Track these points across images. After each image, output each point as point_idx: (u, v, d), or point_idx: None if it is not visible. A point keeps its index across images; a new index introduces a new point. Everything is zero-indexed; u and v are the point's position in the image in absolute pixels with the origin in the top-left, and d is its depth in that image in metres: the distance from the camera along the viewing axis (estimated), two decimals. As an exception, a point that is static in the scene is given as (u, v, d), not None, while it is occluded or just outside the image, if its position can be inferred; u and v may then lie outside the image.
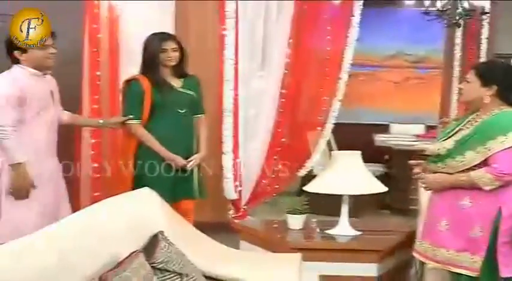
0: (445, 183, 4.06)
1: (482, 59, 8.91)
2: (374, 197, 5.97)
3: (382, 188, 5.03)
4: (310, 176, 5.45)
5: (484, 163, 3.88)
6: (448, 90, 9.01)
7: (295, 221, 5.07)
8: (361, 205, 6.52)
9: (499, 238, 3.90)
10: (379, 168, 8.13)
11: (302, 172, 5.86)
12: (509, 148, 3.84)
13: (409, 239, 4.86)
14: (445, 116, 8.70)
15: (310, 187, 5.02)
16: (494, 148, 3.88)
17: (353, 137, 7.30)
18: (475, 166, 3.91)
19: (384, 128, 9.53)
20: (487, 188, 3.87)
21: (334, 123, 5.92)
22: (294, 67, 5.59)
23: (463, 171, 3.96)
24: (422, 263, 4.63)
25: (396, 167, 8.15)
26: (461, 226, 4.05)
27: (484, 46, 8.95)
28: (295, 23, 5.56)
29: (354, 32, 5.62)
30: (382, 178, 6.46)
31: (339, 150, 6.55)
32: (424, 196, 4.84)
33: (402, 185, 7.14)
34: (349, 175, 4.90)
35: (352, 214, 5.24)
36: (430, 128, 9.19)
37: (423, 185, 4.25)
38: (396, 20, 9.71)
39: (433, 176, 4.13)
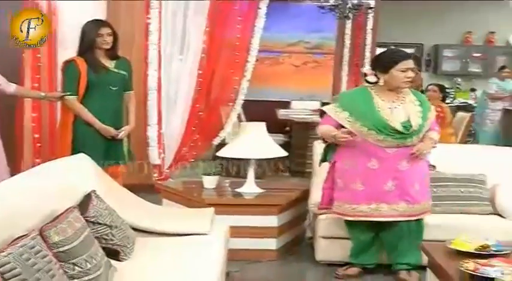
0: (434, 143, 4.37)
1: (368, 46, 9.11)
2: (277, 162, 6.09)
3: (282, 153, 5.10)
4: (223, 145, 5.49)
5: None
6: (339, 72, 9.18)
7: (210, 182, 5.12)
8: (265, 168, 6.60)
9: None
10: (282, 137, 8.22)
11: (216, 141, 5.92)
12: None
13: (304, 196, 4.98)
14: (336, 93, 8.87)
15: (222, 153, 5.08)
16: (432, 117, 4.32)
17: (260, 111, 7.36)
18: None
19: (286, 104, 9.63)
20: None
21: (244, 100, 6.00)
22: (209, 52, 5.61)
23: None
24: (315, 216, 4.76)
25: (295, 137, 8.25)
26: (404, 184, 4.23)
27: (369, 36, 9.14)
28: (210, 14, 5.57)
29: (260, 22, 5.68)
30: (284, 146, 6.56)
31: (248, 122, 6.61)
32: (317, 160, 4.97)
33: (300, 152, 7.27)
34: (254, 142, 4.95)
35: (258, 176, 5.32)
36: (324, 104, 9.32)
37: (424, 152, 4.30)
38: (297, 12, 9.77)
39: (426, 144, 4.28)
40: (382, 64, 4.32)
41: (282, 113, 9.02)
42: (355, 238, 4.48)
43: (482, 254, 3.27)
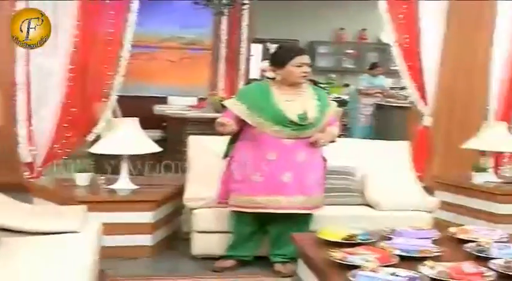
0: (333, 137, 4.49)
1: (244, 42, 9.20)
2: (153, 157, 6.04)
3: (156, 148, 5.07)
4: (98, 141, 5.41)
5: None
6: (215, 68, 9.20)
7: (83, 179, 5.02)
8: (142, 163, 6.53)
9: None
10: (159, 133, 8.17)
11: (91, 137, 5.80)
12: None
13: (180, 191, 4.98)
14: (213, 89, 8.91)
15: (94, 149, 5.00)
16: (331, 112, 4.44)
17: (137, 107, 7.25)
18: None
19: (164, 100, 9.59)
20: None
21: (120, 96, 5.91)
22: (81, 46, 5.48)
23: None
24: (190, 210, 4.77)
25: (171, 132, 8.23)
26: (301, 175, 4.31)
27: (245, 32, 9.23)
28: (81, 8, 5.44)
29: (132, 16, 5.60)
30: (161, 141, 6.53)
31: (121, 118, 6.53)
32: (194, 156, 5.00)
33: (176, 147, 7.24)
34: (127, 138, 4.91)
35: (134, 172, 5.27)
36: (201, 99, 9.35)
37: (321, 141, 4.40)
38: (172, 7, 9.76)
39: (325, 135, 4.41)
40: (278, 60, 4.40)
41: (158, 108, 8.96)
42: (238, 230, 4.54)
43: (350, 243, 3.38)
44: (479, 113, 6.51)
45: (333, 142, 4.50)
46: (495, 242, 3.45)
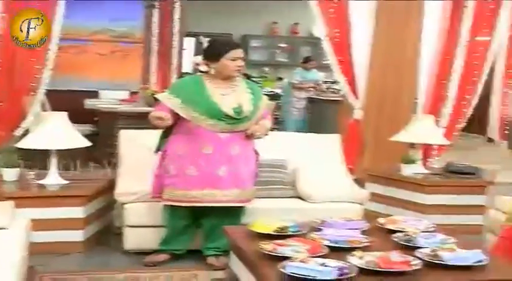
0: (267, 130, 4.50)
1: (176, 35, 9.15)
2: (84, 152, 5.97)
3: (85, 143, 5.00)
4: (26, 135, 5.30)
5: None
6: (147, 62, 9.14)
7: (11, 174, 4.93)
8: (72, 158, 6.44)
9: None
10: (90, 128, 8.06)
11: (19, 132, 5.68)
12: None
13: (111, 186, 4.93)
14: (145, 83, 8.85)
15: (21, 144, 4.91)
16: (263, 106, 4.45)
17: (67, 101, 7.13)
18: None
19: (95, 94, 9.47)
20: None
21: (50, 90, 5.80)
22: (7, 39, 5.36)
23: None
24: (122, 205, 4.73)
25: (102, 127, 8.12)
26: (236, 169, 4.33)
27: (176, 25, 9.18)
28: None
29: (60, 9, 5.50)
30: (92, 136, 6.44)
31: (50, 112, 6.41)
32: (125, 150, 4.96)
33: (107, 142, 7.17)
34: (55, 132, 4.82)
35: (64, 167, 5.20)
36: (133, 93, 9.27)
37: (258, 133, 4.43)
38: (100, 0, 9.64)
39: (260, 127, 4.44)
40: (213, 53, 4.39)
41: (89, 103, 8.83)
42: (172, 224, 4.52)
43: (281, 235, 3.42)
44: (408, 106, 6.68)
45: (266, 135, 4.54)
46: (422, 232, 3.56)
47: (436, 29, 6.53)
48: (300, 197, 5.03)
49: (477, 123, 12.41)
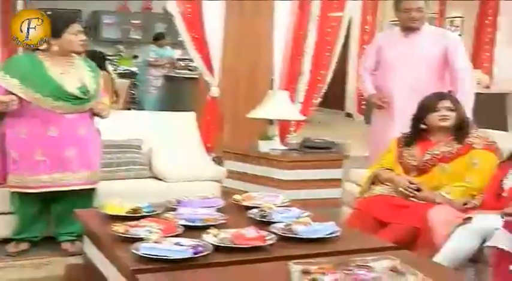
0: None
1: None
2: None
3: None
4: None
5: None
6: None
7: None
8: None
9: None
10: None
11: None
12: None
13: None
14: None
15: None
16: (102, 83, 4.48)
17: None
18: None
19: None
20: None
21: None
22: None
23: None
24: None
25: None
26: (85, 150, 4.28)
27: (20, 3, 8.82)
28: None
29: None
30: None
31: None
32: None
33: None
34: None
35: None
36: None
37: (104, 113, 4.45)
38: None
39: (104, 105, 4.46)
40: (53, 30, 4.22)
41: None
42: (22, 212, 4.40)
43: (134, 216, 3.42)
44: (264, 83, 6.79)
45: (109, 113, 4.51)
46: (277, 207, 3.66)
47: (288, 5, 6.67)
48: (156, 178, 5.04)
49: (336, 99, 12.91)
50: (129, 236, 3.05)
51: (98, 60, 5.99)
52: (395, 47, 5.15)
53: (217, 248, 2.94)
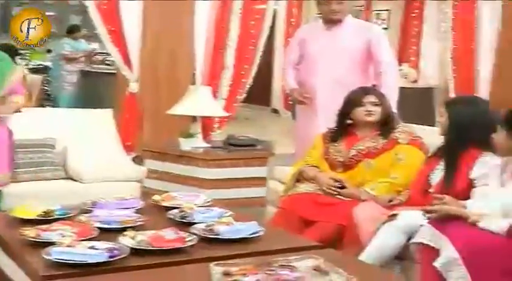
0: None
1: None
2: None
3: None
4: None
5: None
6: None
7: None
8: None
9: None
10: None
11: None
12: None
13: None
14: None
15: None
16: (15, 80, 4.37)
17: None
18: None
19: None
20: None
21: None
22: None
23: None
24: None
25: None
26: None
27: None
28: None
29: None
30: None
31: None
32: None
33: None
34: None
35: None
36: None
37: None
38: None
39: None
40: None
41: None
42: None
43: (46, 219, 3.34)
44: (186, 78, 6.72)
45: (18, 112, 4.40)
46: (198, 207, 3.64)
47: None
48: (72, 178, 4.95)
49: (261, 94, 12.94)
50: (40, 240, 2.97)
51: (9, 54, 5.80)
52: (317, 40, 5.18)
53: (135, 251, 2.90)
